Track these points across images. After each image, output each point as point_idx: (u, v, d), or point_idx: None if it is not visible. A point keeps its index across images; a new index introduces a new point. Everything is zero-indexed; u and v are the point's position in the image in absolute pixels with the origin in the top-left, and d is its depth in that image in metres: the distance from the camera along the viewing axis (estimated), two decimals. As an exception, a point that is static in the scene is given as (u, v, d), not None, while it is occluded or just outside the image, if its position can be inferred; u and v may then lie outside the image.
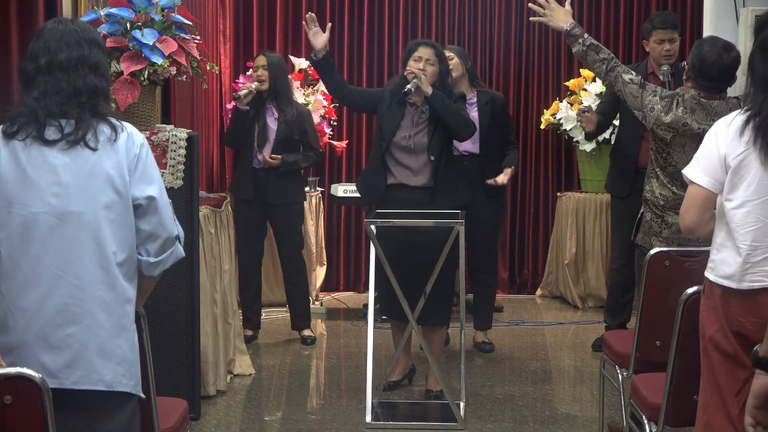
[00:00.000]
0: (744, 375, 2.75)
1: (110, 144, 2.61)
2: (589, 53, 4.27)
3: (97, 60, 2.68)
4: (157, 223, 2.68)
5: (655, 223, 4.22)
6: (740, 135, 2.80)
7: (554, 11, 4.35)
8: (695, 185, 2.92)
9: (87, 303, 2.56)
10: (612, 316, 5.82)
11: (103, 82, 2.68)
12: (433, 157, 4.82)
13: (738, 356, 2.77)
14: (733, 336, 2.77)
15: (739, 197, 2.80)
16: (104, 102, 2.68)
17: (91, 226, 2.57)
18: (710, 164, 2.88)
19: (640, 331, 3.72)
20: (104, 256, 2.58)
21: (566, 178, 7.68)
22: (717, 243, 2.88)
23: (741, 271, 2.78)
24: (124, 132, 2.65)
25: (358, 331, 6.48)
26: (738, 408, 2.75)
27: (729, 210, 2.83)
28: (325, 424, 4.76)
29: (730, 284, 2.80)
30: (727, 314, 2.80)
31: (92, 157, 2.59)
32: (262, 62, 6.00)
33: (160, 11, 4.39)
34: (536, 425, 4.70)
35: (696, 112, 4.05)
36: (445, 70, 4.98)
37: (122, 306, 2.62)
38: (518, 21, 7.60)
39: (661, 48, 5.39)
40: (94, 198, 2.58)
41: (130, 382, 2.62)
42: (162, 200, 2.69)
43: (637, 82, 4.20)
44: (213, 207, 5.04)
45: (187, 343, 4.52)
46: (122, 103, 4.28)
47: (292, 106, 6.04)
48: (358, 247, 7.66)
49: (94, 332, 2.56)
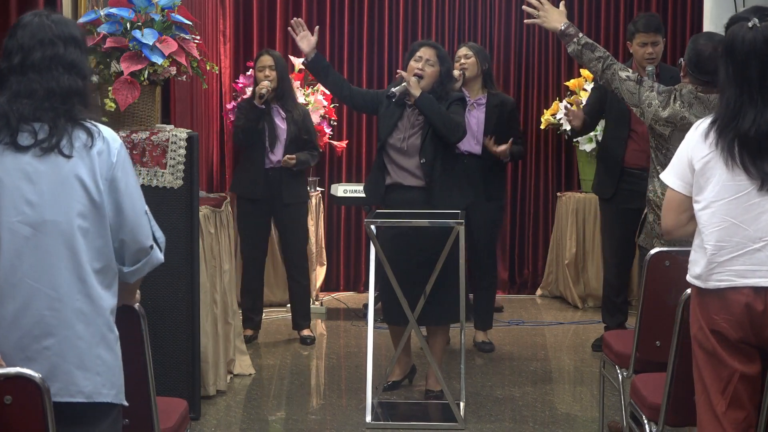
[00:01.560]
0: (726, 373, 2.81)
1: (86, 150, 2.51)
2: (585, 52, 4.27)
3: (72, 59, 2.56)
4: (130, 234, 2.59)
5: (657, 224, 4.21)
6: (705, 138, 2.89)
7: (548, 12, 4.35)
8: (669, 188, 3.01)
9: (64, 314, 2.49)
10: (609, 317, 5.82)
11: (79, 82, 2.56)
12: (424, 160, 4.82)
13: (717, 354, 2.83)
14: (711, 334, 2.83)
15: (705, 198, 2.87)
16: (81, 104, 2.56)
17: (66, 235, 2.49)
18: (681, 167, 2.96)
19: (640, 331, 3.72)
20: (80, 266, 2.50)
21: (566, 178, 7.68)
22: (695, 244, 2.95)
23: (707, 271, 2.85)
24: (100, 137, 2.54)
25: (358, 331, 6.48)
26: (724, 405, 2.81)
27: (697, 211, 2.90)
28: (325, 424, 4.76)
29: (699, 284, 2.88)
30: (703, 313, 2.87)
31: (67, 164, 2.49)
32: (269, 62, 5.97)
33: (160, 11, 4.39)
34: (536, 425, 4.70)
35: (694, 106, 4.05)
36: (446, 72, 4.97)
37: (101, 315, 2.55)
38: (518, 21, 7.59)
39: (644, 51, 5.41)
40: (69, 207, 2.49)
41: (110, 392, 2.56)
42: (134, 210, 2.59)
43: (634, 79, 4.20)
44: (213, 207, 5.03)
45: (187, 343, 4.52)
46: (122, 103, 4.28)
47: (297, 105, 6.05)
48: (358, 247, 7.66)
49: (72, 343, 2.50)
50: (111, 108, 4.34)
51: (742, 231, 2.81)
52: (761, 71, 2.80)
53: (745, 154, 2.80)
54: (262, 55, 6.10)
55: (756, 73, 2.80)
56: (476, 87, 5.78)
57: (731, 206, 2.82)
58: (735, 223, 2.82)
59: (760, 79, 2.80)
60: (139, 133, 4.42)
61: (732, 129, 2.82)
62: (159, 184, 4.42)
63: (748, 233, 2.80)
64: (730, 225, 2.82)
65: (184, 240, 4.46)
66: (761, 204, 2.80)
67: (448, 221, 4.63)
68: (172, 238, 4.45)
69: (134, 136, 4.41)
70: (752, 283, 2.78)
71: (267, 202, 5.97)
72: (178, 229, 4.45)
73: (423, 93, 4.80)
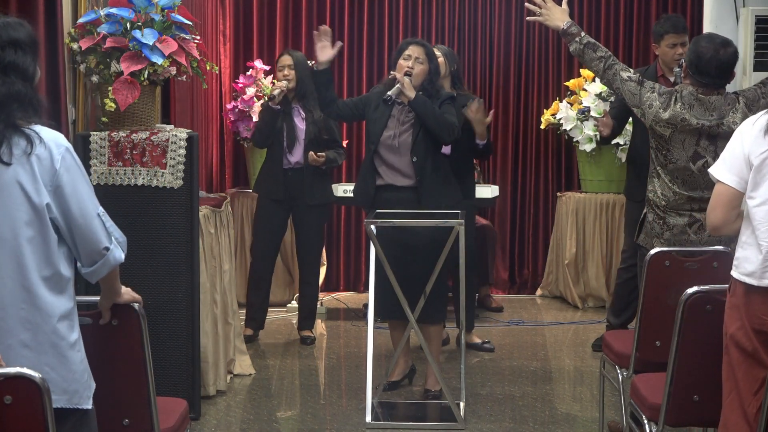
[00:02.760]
0: (762, 374, 2.76)
1: (25, 157, 2.45)
2: (587, 51, 4.27)
3: (10, 61, 2.49)
4: (81, 238, 2.55)
5: (657, 224, 4.21)
6: (764, 133, 2.83)
7: (551, 10, 4.34)
8: (721, 183, 2.95)
9: (9, 323, 2.47)
10: (616, 315, 5.79)
11: (18, 85, 2.49)
12: (416, 158, 4.83)
13: (757, 354, 2.78)
14: (754, 334, 2.79)
15: (761, 195, 2.83)
16: (21, 108, 2.48)
17: (9, 244, 2.46)
18: (735, 162, 2.91)
19: (640, 331, 3.72)
20: (25, 276, 2.47)
21: (566, 178, 7.67)
22: (742, 240, 2.90)
23: (762, 268, 2.81)
24: (41, 143, 2.47)
25: (358, 331, 6.48)
26: (756, 407, 2.77)
27: (751, 208, 2.86)
28: (325, 424, 4.76)
29: (752, 281, 2.83)
30: (749, 312, 2.82)
31: (6, 172, 2.44)
32: (288, 62, 5.97)
33: (160, 11, 4.39)
34: (536, 425, 4.70)
35: (694, 107, 4.05)
36: (435, 69, 5.00)
37: (51, 324, 2.51)
38: (518, 21, 7.59)
39: (674, 52, 5.40)
40: (11, 215, 2.45)
41: (62, 398, 2.52)
42: (83, 215, 2.53)
43: (635, 80, 4.20)
44: (213, 207, 5.03)
45: (187, 343, 4.52)
46: (122, 103, 4.28)
47: (318, 105, 6.05)
48: (358, 247, 7.65)
49: (17, 352, 2.47)
50: (111, 108, 4.34)
51: None
52: None
53: None
54: (282, 55, 6.12)
55: None
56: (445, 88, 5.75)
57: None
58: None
59: None
60: (139, 133, 4.42)
61: None
62: (159, 184, 4.42)
63: None
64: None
65: (184, 240, 4.46)
66: None
67: (448, 221, 4.63)
68: (172, 238, 4.46)
69: (134, 136, 4.41)
70: None
71: (288, 202, 5.97)
72: (178, 229, 4.45)
73: (417, 94, 4.81)
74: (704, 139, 4.08)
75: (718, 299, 3.10)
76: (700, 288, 3.18)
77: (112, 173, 4.40)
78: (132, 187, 4.41)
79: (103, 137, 4.40)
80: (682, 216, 4.14)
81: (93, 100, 4.69)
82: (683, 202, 4.13)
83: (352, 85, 7.60)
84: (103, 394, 2.73)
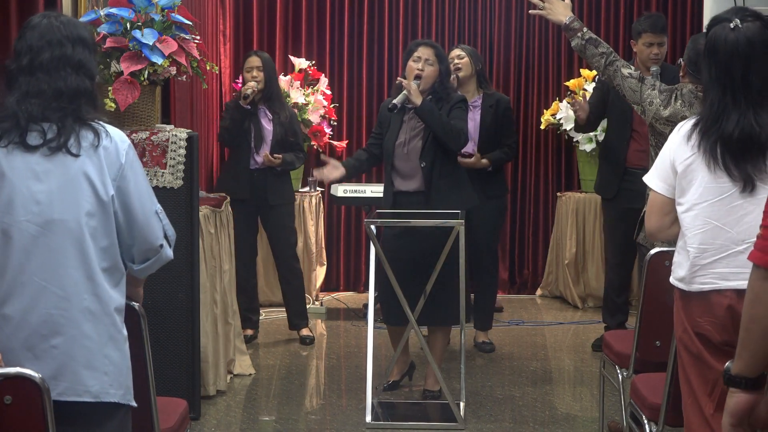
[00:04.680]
0: (712, 375, 2.78)
1: (93, 149, 2.54)
2: (588, 47, 4.26)
3: (80, 59, 2.59)
4: (139, 234, 2.62)
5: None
6: (687, 140, 2.87)
7: (553, 4, 4.32)
8: (652, 191, 2.99)
9: (72, 313, 2.50)
10: (610, 316, 5.82)
11: (86, 82, 2.59)
12: (424, 163, 4.82)
13: (702, 356, 2.80)
14: (695, 336, 2.81)
15: (688, 201, 2.85)
16: (88, 104, 2.59)
17: (74, 234, 2.51)
18: (663, 170, 2.95)
19: (640, 331, 3.72)
20: (88, 265, 2.52)
21: (566, 178, 7.68)
22: (678, 246, 2.93)
23: (690, 274, 2.83)
24: (107, 137, 2.56)
25: (358, 331, 6.48)
26: (712, 407, 2.78)
27: (680, 214, 2.89)
28: (325, 424, 4.76)
29: (682, 286, 2.86)
30: (687, 315, 2.85)
31: (75, 163, 2.52)
32: (257, 63, 5.98)
33: (160, 11, 4.39)
34: (536, 425, 4.70)
35: (694, 105, 4.05)
36: (446, 71, 4.96)
37: (109, 315, 2.56)
38: (518, 21, 7.60)
39: (650, 51, 5.41)
40: (77, 205, 2.51)
41: (118, 392, 2.57)
42: (144, 211, 2.61)
43: (636, 77, 4.20)
44: (213, 207, 5.03)
45: (187, 343, 4.52)
46: (122, 103, 4.28)
47: (285, 107, 6.05)
48: (358, 247, 7.66)
49: (80, 343, 2.51)
50: (111, 108, 4.34)
51: (725, 233, 2.78)
52: (744, 72, 2.76)
53: (727, 156, 2.77)
54: (250, 56, 6.11)
55: (739, 74, 2.76)
56: (471, 88, 5.76)
57: (714, 209, 2.79)
58: (718, 226, 2.79)
59: (743, 80, 2.76)
60: (139, 133, 4.42)
61: (715, 131, 2.79)
62: (159, 184, 4.42)
63: (731, 236, 2.78)
64: (713, 227, 2.79)
65: (184, 240, 4.46)
66: (744, 206, 2.76)
67: (448, 221, 4.63)
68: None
69: (134, 136, 4.40)
70: (735, 285, 2.73)
71: (254, 202, 5.97)
72: (178, 229, 4.39)
73: (424, 101, 4.79)
74: None
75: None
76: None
77: (112, 173, 4.40)
78: (132, 187, 4.41)
79: (103, 137, 4.39)
80: (683, 214, 4.14)
81: (93, 100, 4.68)
82: None
83: (352, 84, 7.60)
84: (103, 394, 2.73)
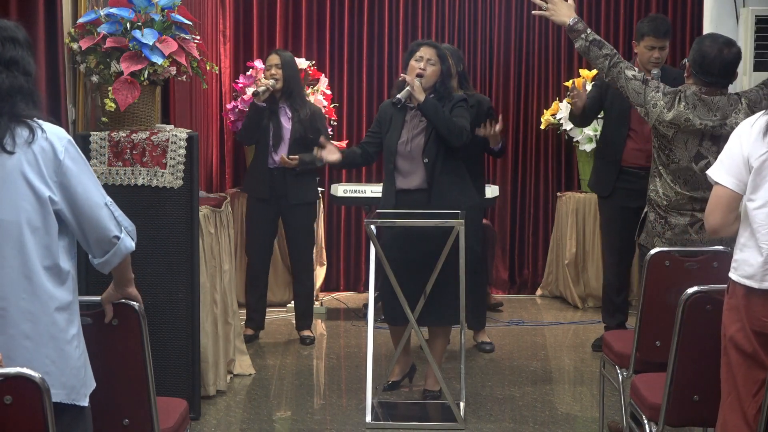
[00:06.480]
0: (762, 376, 2.75)
1: (28, 146, 2.50)
2: (592, 49, 4.25)
3: (11, 56, 2.55)
4: (90, 228, 2.59)
5: (658, 223, 4.21)
6: (763, 135, 2.82)
7: (557, 5, 4.31)
8: (720, 186, 2.94)
9: (10, 313, 2.48)
10: (609, 317, 5.81)
11: (21, 79, 2.55)
12: (427, 160, 4.83)
13: (757, 356, 2.77)
14: (754, 336, 2.78)
15: (762, 197, 2.82)
16: (24, 101, 2.54)
17: (13, 233, 2.48)
18: (734, 165, 2.90)
19: (640, 331, 3.72)
20: (26, 265, 2.50)
21: (566, 178, 7.68)
22: (740, 243, 2.89)
23: (762, 271, 2.80)
24: (43, 133, 2.52)
25: (358, 331, 6.48)
26: (755, 408, 2.76)
27: (751, 210, 2.85)
28: (325, 424, 4.76)
29: (752, 284, 2.82)
30: (749, 313, 2.81)
31: (9, 161, 2.48)
32: (276, 61, 5.99)
33: (160, 11, 4.39)
34: (536, 425, 4.70)
35: (698, 108, 4.05)
36: (447, 71, 4.97)
37: (49, 314, 2.53)
38: (518, 21, 7.60)
39: (651, 54, 5.40)
40: (14, 204, 2.48)
41: (60, 392, 2.53)
42: (90, 205, 2.58)
43: (640, 79, 4.19)
44: (213, 207, 5.04)
45: (187, 343, 4.52)
46: (122, 103, 4.28)
47: (305, 105, 6.05)
48: (358, 247, 7.65)
49: (19, 343, 2.49)
50: (111, 108, 4.34)
51: None
52: None
53: None
54: (270, 54, 6.14)
55: None
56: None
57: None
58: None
59: None
60: (139, 133, 4.42)
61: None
62: (159, 184, 4.42)
63: None
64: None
65: (184, 240, 4.46)
66: None
67: (448, 221, 4.63)
68: (172, 238, 4.46)
69: (134, 136, 4.41)
70: None
71: (274, 201, 5.98)
72: (178, 229, 4.45)
73: (427, 98, 4.79)
74: (707, 140, 4.08)
75: (718, 299, 3.09)
76: (700, 288, 3.18)
77: (112, 173, 4.40)
78: (132, 187, 4.41)
79: (103, 137, 4.40)
80: (684, 216, 4.14)
81: (93, 100, 4.69)
82: (685, 202, 4.13)
83: (352, 84, 7.60)
84: (103, 394, 2.74)
